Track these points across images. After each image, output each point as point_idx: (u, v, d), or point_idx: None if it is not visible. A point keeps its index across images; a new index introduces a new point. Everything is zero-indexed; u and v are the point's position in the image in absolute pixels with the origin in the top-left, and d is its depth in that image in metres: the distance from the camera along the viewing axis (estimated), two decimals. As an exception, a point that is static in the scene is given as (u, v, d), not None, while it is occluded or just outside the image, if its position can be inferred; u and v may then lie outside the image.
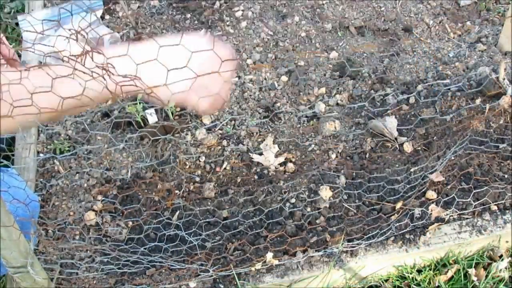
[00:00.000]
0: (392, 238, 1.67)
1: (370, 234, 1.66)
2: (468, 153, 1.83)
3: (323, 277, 1.63)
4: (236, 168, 1.85)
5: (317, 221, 1.72)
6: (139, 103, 1.84)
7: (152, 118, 1.90)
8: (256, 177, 1.84)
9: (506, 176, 1.80)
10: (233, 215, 1.75)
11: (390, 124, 1.90)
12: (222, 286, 1.60)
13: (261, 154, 1.87)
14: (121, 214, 1.76)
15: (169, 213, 1.77)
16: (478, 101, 1.91)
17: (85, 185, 1.81)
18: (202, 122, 1.97)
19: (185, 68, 0.95)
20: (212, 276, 1.59)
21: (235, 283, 1.59)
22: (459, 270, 1.69)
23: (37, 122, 0.99)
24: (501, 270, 1.69)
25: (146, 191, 1.80)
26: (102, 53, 1.03)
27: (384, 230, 1.65)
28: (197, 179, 1.84)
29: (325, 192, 1.77)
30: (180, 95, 1.01)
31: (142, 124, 1.91)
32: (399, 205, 1.69)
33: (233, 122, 1.98)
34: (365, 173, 1.83)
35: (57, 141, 1.93)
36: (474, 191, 1.72)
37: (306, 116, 2.00)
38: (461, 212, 1.72)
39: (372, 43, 2.26)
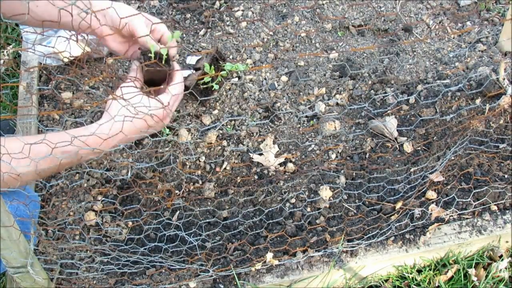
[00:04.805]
0: (392, 238, 1.67)
1: (370, 234, 1.66)
2: (468, 153, 1.83)
3: (323, 277, 1.63)
4: (236, 168, 1.86)
5: (317, 221, 1.73)
6: None
7: None
8: (256, 177, 1.84)
9: (506, 176, 1.80)
10: (233, 215, 1.75)
11: (390, 124, 1.90)
12: (222, 286, 1.60)
13: (261, 154, 1.87)
14: (121, 214, 1.77)
15: (169, 213, 1.78)
16: (478, 101, 1.91)
17: (85, 185, 1.81)
18: (202, 122, 1.97)
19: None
20: (212, 276, 1.59)
21: (235, 283, 1.59)
22: (459, 270, 1.70)
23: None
24: (501, 270, 1.70)
25: (146, 191, 1.81)
26: (102, 54, 1.09)
27: (384, 230, 1.65)
28: (197, 179, 1.84)
29: (325, 192, 1.77)
30: None
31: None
32: (399, 205, 1.69)
33: (233, 122, 1.98)
34: (365, 173, 1.83)
35: (57, 141, 1.93)
36: (474, 191, 1.73)
37: (306, 116, 2.00)
38: (461, 212, 1.73)
39: (372, 43, 2.26)
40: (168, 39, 1.49)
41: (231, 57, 2.21)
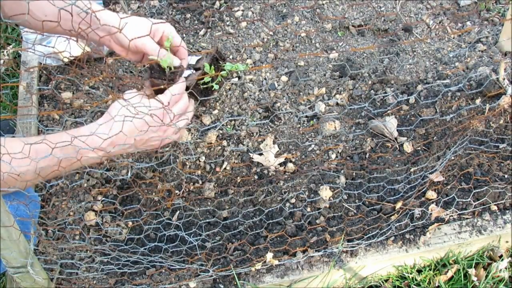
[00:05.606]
0: (392, 238, 1.67)
1: (370, 234, 1.66)
2: (468, 153, 1.83)
3: (323, 277, 1.63)
4: (236, 168, 1.86)
5: (317, 221, 1.73)
6: None
7: None
8: (256, 177, 1.84)
9: (506, 176, 1.80)
10: (233, 215, 1.75)
11: (390, 124, 1.90)
12: (222, 286, 1.60)
13: (261, 154, 1.87)
14: (121, 214, 1.77)
15: (169, 213, 1.78)
16: (478, 101, 1.91)
17: (85, 185, 1.81)
18: (202, 122, 1.97)
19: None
20: (212, 276, 1.59)
21: (235, 283, 1.59)
22: (459, 270, 1.70)
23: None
24: (501, 270, 1.70)
25: (146, 191, 1.81)
26: (102, 54, 1.10)
27: (384, 230, 1.65)
28: (197, 179, 1.84)
29: (325, 192, 1.77)
30: None
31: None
32: (399, 205, 1.69)
33: (233, 122, 1.98)
34: (365, 173, 1.83)
35: (57, 141, 1.93)
36: (474, 191, 1.73)
37: (306, 116, 2.00)
38: (461, 212, 1.73)
39: (372, 43, 2.26)
40: (165, 43, 1.50)
41: (231, 57, 2.21)
